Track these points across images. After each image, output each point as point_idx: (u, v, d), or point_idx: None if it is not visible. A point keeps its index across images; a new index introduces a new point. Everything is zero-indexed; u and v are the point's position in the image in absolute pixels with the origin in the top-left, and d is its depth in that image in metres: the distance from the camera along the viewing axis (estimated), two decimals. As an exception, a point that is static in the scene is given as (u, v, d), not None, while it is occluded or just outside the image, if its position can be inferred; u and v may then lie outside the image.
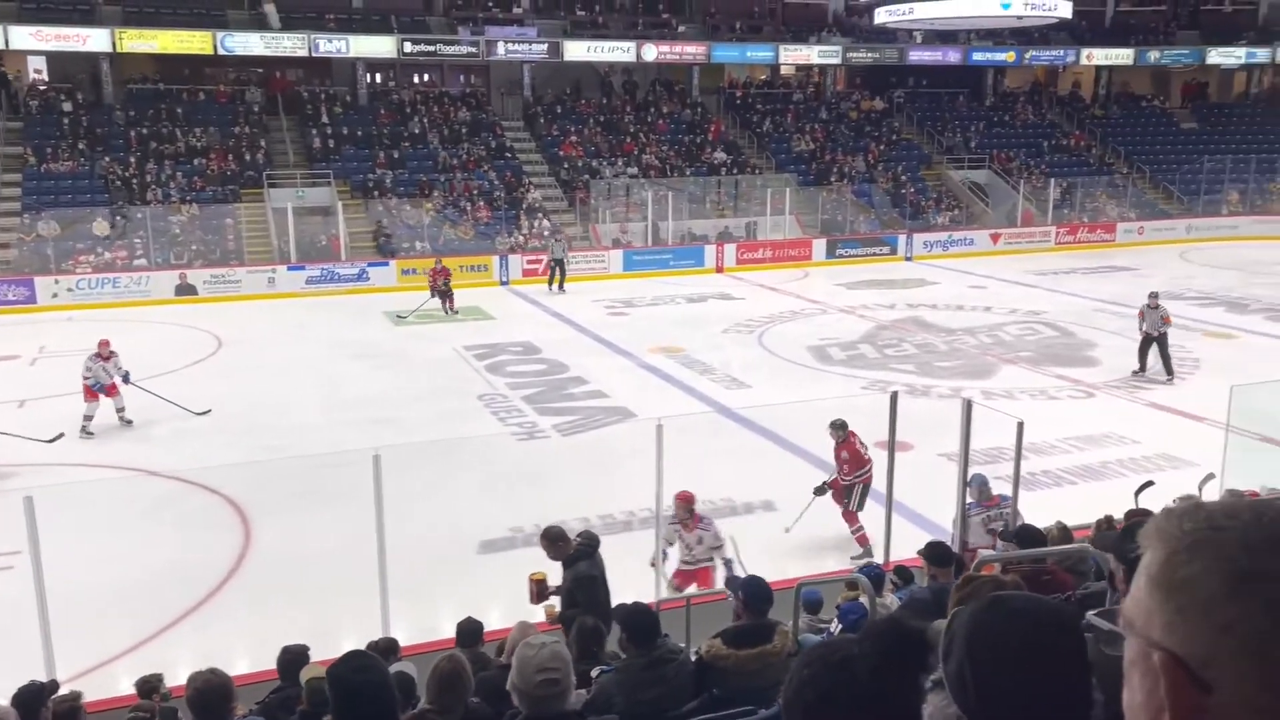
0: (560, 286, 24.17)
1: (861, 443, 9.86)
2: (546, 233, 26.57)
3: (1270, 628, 0.76)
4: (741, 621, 4.20)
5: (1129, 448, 12.39)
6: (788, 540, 9.70)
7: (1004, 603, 1.50)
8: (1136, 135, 35.78)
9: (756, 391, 15.17)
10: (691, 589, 7.99)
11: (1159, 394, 14.93)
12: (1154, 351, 15.55)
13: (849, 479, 9.66)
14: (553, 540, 6.57)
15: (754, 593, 4.21)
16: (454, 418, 14.03)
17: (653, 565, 8.33)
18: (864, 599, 5.26)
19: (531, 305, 23.01)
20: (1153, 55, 36.30)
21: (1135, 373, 15.67)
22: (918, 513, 9.86)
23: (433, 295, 21.43)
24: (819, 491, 9.73)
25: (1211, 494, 7.86)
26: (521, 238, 26.99)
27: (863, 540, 9.55)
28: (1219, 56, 36.55)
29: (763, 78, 36.47)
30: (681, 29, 33.24)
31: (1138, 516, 6.30)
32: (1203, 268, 26.53)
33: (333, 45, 28.87)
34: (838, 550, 9.61)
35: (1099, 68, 37.07)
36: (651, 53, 31.76)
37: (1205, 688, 0.77)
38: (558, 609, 6.41)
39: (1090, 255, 29.20)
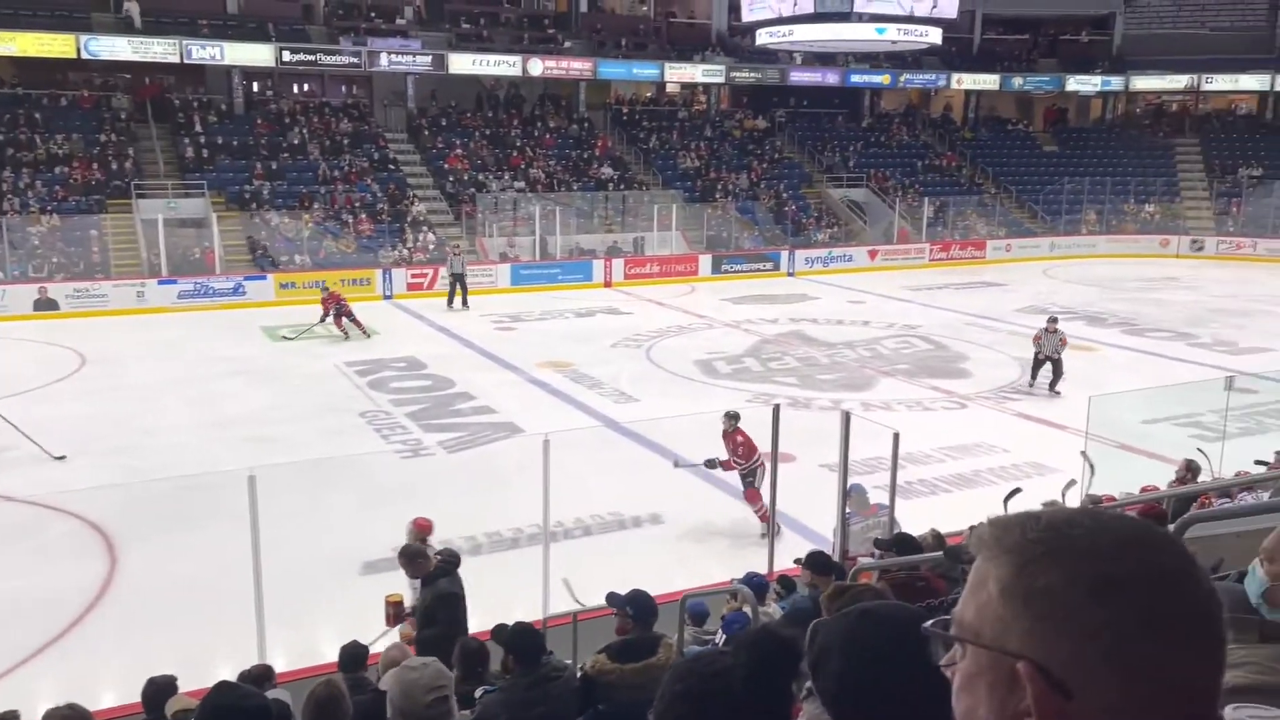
0: (463, 302, 23.74)
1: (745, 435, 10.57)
2: (446, 248, 26.11)
3: (1128, 631, 0.79)
4: (627, 636, 4.21)
5: (999, 456, 12.92)
6: (674, 552, 9.78)
7: (872, 613, 1.54)
8: (1003, 157, 37.48)
9: (645, 405, 15.26)
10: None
11: (1026, 404, 15.62)
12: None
13: (744, 464, 10.28)
14: (411, 558, 6.47)
15: (639, 606, 4.23)
16: (335, 436, 13.68)
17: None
18: (747, 609, 5.35)
19: (416, 320, 22.65)
20: (1017, 81, 38.13)
21: (1030, 385, 16.14)
22: (800, 523, 10.08)
23: (324, 320, 20.25)
24: (709, 464, 10.51)
25: (1074, 500, 8.27)
26: (406, 251, 26.56)
27: (764, 517, 9.92)
28: (1077, 84, 38.65)
29: (649, 95, 36.88)
30: (568, 45, 33.35)
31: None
32: (1065, 284, 27.92)
33: (206, 52, 27.91)
34: (721, 562, 9.73)
35: (968, 92, 38.74)
36: (538, 68, 31.76)
37: (1067, 694, 0.79)
38: (413, 632, 6.29)
39: (962, 271, 30.40)
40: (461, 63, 30.93)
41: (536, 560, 8.53)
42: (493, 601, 7.70)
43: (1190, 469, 9.15)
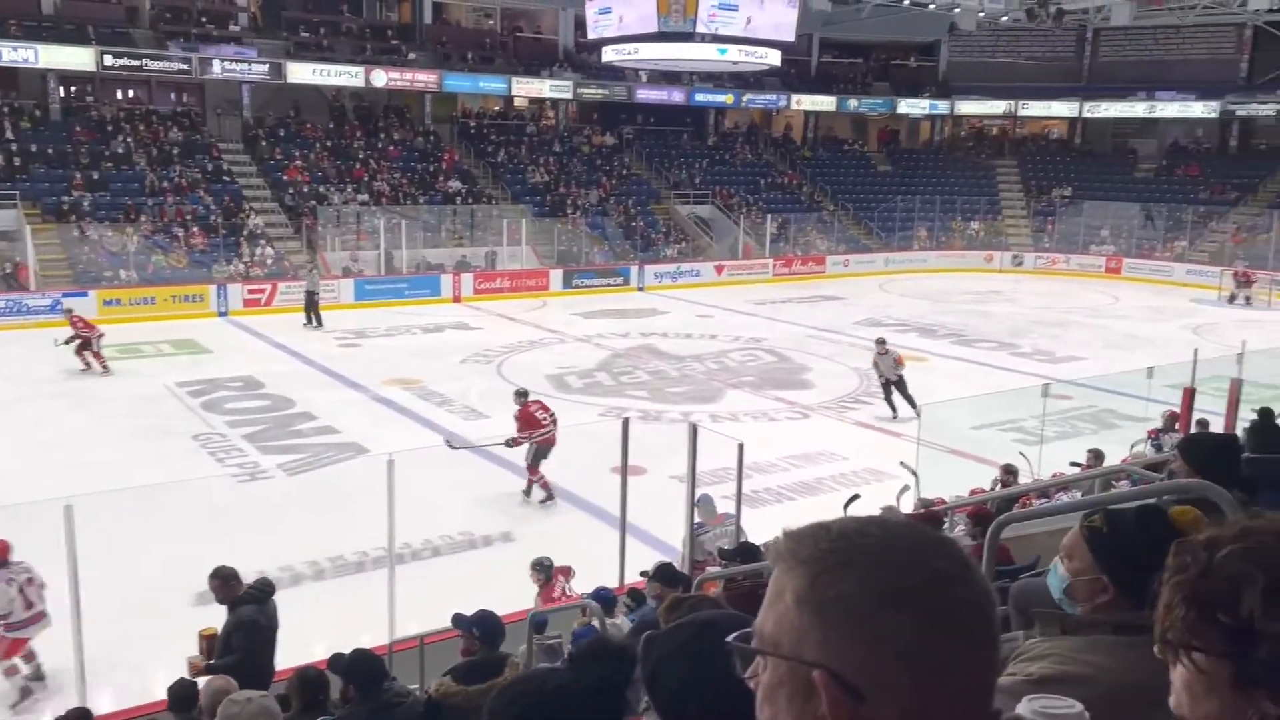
0: (318, 321, 22.80)
1: (544, 408, 12.15)
2: (285, 261, 25.15)
3: (914, 635, 0.83)
4: (473, 657, 4.14)
5: (840, 464, 13.39)
6: (526, 570, 9.68)
7: (707, 623, 1.56)
8: (840, 176, 39.03)
9: (495, 422, 15.08)
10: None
11: (864, 413, 16.26)
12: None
13: (523, 438, 11.76)
14: (225, 580, 6.20)
15: (485, 627, 4.17)
16: (165, 460, 12.96)
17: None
18: (596, 623, 5.35)
19: (253, 337, 21.74)
20: (852, 103, 39.83)
21: (894, 417, 15.55)
22: (651, 534, 10.16)
23: (67, 342, 17.73)
24: (508, 444, 11.74)
25: (908, 504, 8.65)
26: (242, 266, 25.49)
27: (545, 485, 11.67)
28: (907, 107, 40.67)
29: (496, 109, 36.67)
30: (412, 56, 32.81)
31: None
32: (899, 297, 29.25)
33: (19, 54, 26.10)
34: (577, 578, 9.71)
35: (807, 113, 40.18)
36: (381, 79, 31.11)
37: (860, 698, 0.82)
38: (201, 662, 6.01)
39: (804, 285, 31.42)
40: (301, 71, 29.97)
41: (382, 584, 8.30)
42: (337, 628, 7.45)
43: (1010, 472, 9.71)
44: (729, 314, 25.67)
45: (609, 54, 23.45)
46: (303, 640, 7.39)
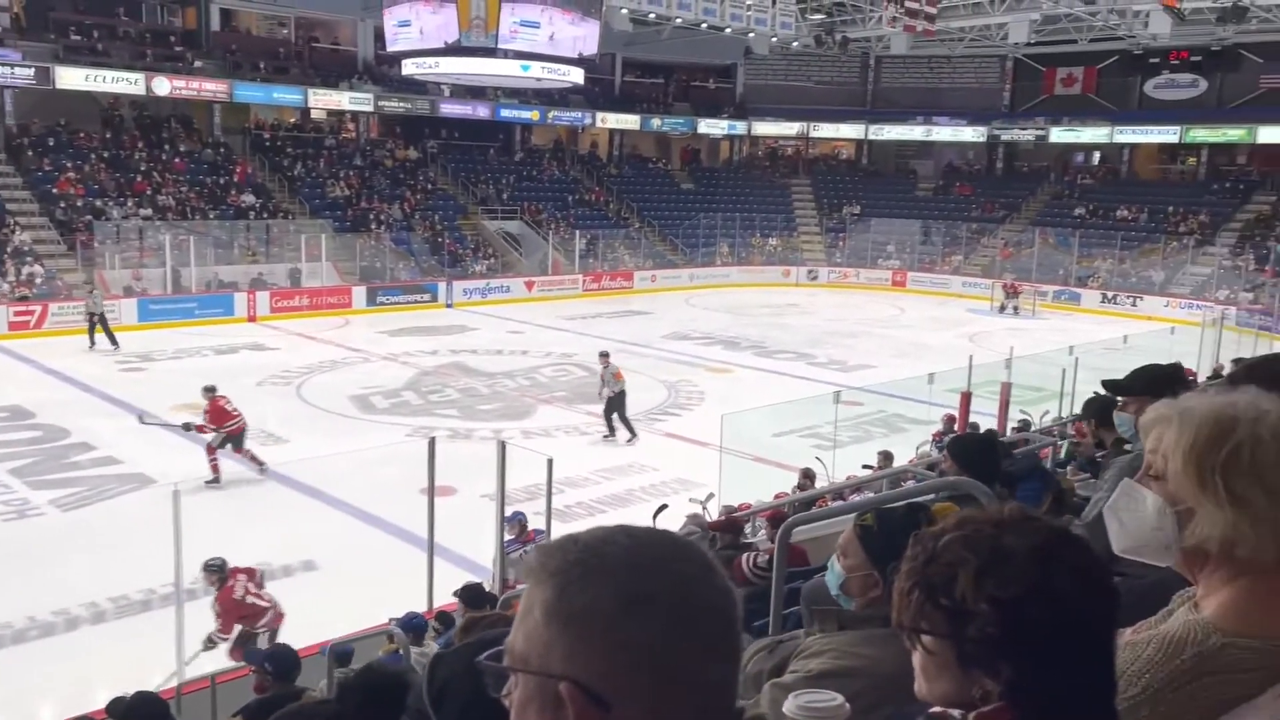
0: (112, 341, 21.10)
1: (228, 402, 12.97)
2: (74, 285, 23.19)
3: (657, 640, 0.84)
4: (265, 694, 3.93)
5: (649, 475, 13.62)
6: (330, 598, 9.32)
7: (494, 643, 1.54)
8: (646, 193, 39.84)
9: (294, 446, 14.47)
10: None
11: (672, 424, 16.62)
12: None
13: (212, 429, 12.60)
14: None
15: (278, 662, 3.97)
16: (-85, 502, 11.69)
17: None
18: (401, 651, 5.20)
19: (20, 363, 19.97)
20: (655, 122, 40.78)
21: (605, 437, 15.40)
22: (462, 555, 9.99)
23: None
24: (186, 428, 12.60)
25: (714, 511, 8.89)
26: (7, 286, 23.37)
27: (215, 469, 12.59)
28: (707, 127, 42.03)
29: (292, 121, 35.27)
30: (198, 64, 31.07)
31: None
32: (703, 311, 30.10)
33: None
34: (380, 604, 9.42)
35: (612, 130, 40.80)
36: (164, 87, 29.30)
37: (605, 707, 0.83)
38: None
39: (613, 301, 31.83)
40: (72, 77, 27.83)
41: (170, 623, 7.78)
42: (121, 673, 6.92)
43: (808, 476, 10.15)
44: (540, 330, 25.65)
45: (409, 67, 22.98)
46: (83, 688, 6.83)
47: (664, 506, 8.73)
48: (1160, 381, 3.07)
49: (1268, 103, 34.09)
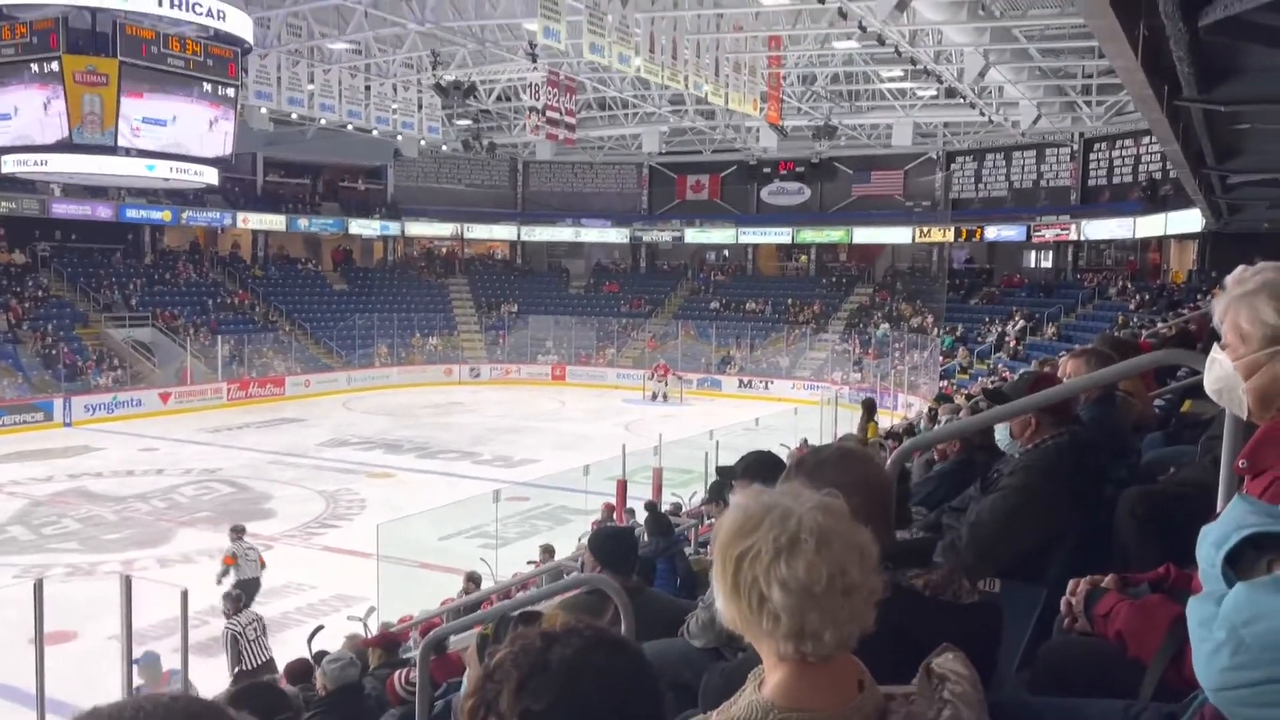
0: None
1: None
2: None
3: None
4: None
5: (307, 594, 12.85)
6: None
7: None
8: (295, 295, 38.28)
9: None
10: None
11: (331, 537, 15.84)
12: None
13: None
14: None
15: None
16: None
17: None
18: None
19: None
20: (303, 223, 39.51)
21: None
22: (82, 708, 8.78)
23: None
24: None
25: (373, 627, 8.53)
26: None
27: None
28: (359, 227, 41.37)
29: None
30: None
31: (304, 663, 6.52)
32: (363, 414, 29.20)
33: None
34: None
35: (255, 231, 38.98)
36: None
37: None
38: None
39: (263, 409, 30.01)
40: None
41: None
42: None
43: (471, 579, 10.06)
44: (178, 445, 23.59)
45: (10, 164, 20.54)
46: None
47: (319, 628, 8.28)
48: (764, 467, 3.40)
49: (859, 208, 39.43)
